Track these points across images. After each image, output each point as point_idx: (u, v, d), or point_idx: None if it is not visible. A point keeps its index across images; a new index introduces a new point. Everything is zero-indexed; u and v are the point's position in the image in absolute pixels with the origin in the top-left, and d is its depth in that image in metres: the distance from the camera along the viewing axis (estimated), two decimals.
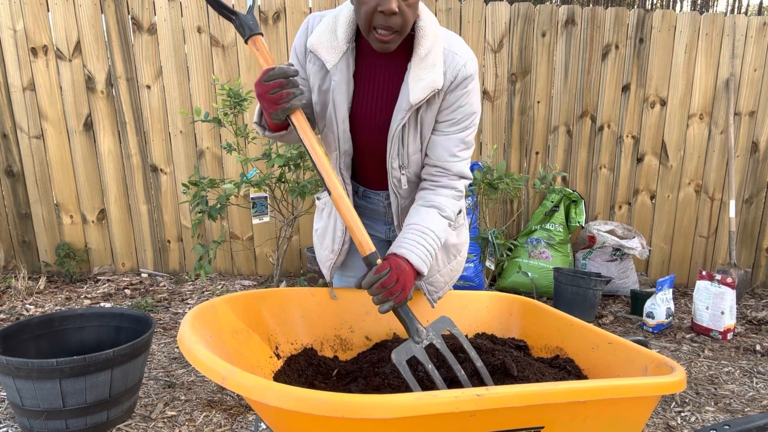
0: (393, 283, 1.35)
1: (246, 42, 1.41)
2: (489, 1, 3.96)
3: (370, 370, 1.55)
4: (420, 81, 1.42)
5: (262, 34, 1.42)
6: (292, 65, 1.35)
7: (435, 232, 1.49)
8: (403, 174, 1.56)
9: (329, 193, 1.40)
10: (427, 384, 1.38)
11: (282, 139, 1.54)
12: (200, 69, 3.87)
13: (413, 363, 1.40)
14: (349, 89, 1.50)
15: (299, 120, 1.37)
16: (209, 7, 3.79)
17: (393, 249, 1.46)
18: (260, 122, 1.52)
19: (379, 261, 1.40)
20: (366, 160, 1.63)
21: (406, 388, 1.43)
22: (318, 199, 1.81)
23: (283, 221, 3.46)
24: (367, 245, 1.39)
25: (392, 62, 1.50)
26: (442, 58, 1.44)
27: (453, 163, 1.52)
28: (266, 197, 3.35)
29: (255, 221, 3.38)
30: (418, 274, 1.46)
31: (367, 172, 1.67)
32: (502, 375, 1.46)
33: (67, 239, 4.04)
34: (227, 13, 1.42)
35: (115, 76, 3.85)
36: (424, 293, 1.78)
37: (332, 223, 1.75)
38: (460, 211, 1.76)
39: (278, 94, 1.32)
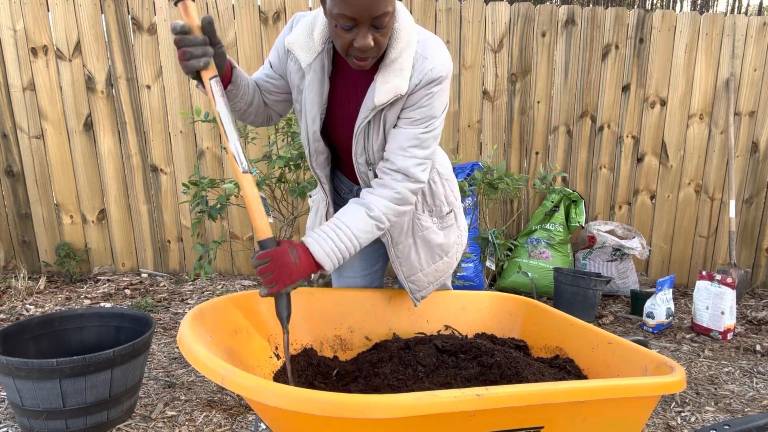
0: (268, 274, 1.38)
1: (176, 5, 1.41)
2: (489, 1, 3.96)
3: (369, 371, 1.55)
4: (386, 84, 1.44)
5: None
6: (189, 26, 1.36)
7: (352, 229, 1.47)
8: (370, 169, 1.59)
9: (244, 170, 1.41)
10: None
11: (234, 99, 1.53)
12: None
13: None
14: (323, 89, 1.53)
15: (207, 83, 1.37)
16: (211, 8, 3.79)
17: (304, 237, 1.48)
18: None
19: (276, 246, 1.41)
20: (343, 156, 1.68)
21: (406, 388, 1.43)
22: (309, 197, 1.84)
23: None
24: (263, 231, 1.41)
25: None
26: (412, 62, 1.45)
27: (400, 158, 1.50)
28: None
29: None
30: (321, 267, 1.46)
31: (344, 168, 1.72)
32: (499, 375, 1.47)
33: (67, 239, 4.04)
34: None
35: (115, 76, 3.85)
36: (407, 291, 1.79)
37: (318, 221, 1.81)
38: (450, 212, 1.78)
39: (179, 52, 1.35)
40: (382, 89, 1.44)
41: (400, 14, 1.46)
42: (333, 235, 1.46)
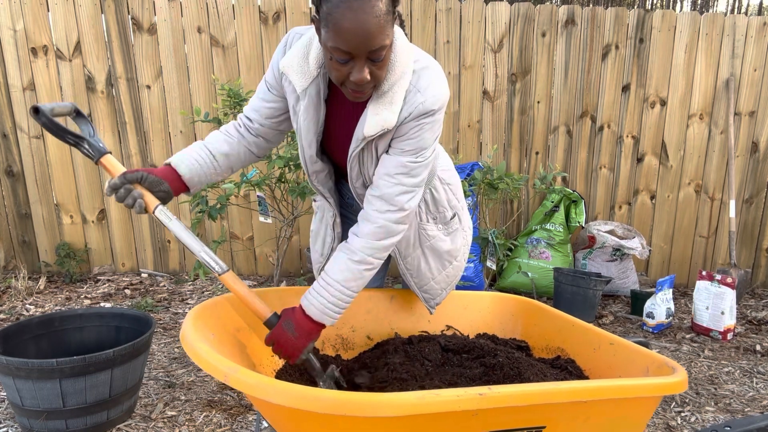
0: (278, 353, 1.46)
1: (96, 163, 1.48)
2: (489, 1, 3.96)
3: (375, 363, 1.55)
4: (376, 115, 1.39)
5: (110, 152, 1.50)
6: (120, 177, 1.44)
7: (341, 282, 1.45)
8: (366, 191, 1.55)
9: (218, 274, 1.47)
10: None
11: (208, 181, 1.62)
12: (200, 69, 3.87)
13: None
14: (319, 114, 1.50)
15: (156, 216, 1.46)
16: (211, 8, 3.79)
17: (302, 297, 1.49)
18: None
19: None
20: (345, 171, 1.63)
21: (414, 382, 1.43)
22: (314, 201, 1.83)
23: (283, 221, 3.46)
24: (263, 314, 1.47)
25: None
26: (403, 95, 1.40)
27: (385, 183, 1.45)
28: (264, 197, 3.35)
29: (261, 219, 3.38)
30: (322, 325, 1.47)
31: (347, 178, 1.69)
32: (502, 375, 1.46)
33: (67, 239, 4.03)
34: (73, 138, 1.45)
35: (115, 76, 3.85)
36: (422, 301, 1.78)
37: (323, 228, 1.78)
38: (454, 215, 1.75)
39: (122, 203, 1.44)
40: (372, 120, 1.40)
41: (397, 44, 1.39)
42: (324, 292, 1.45)
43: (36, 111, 1.39)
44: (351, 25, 1.21)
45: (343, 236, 1.74)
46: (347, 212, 1.79)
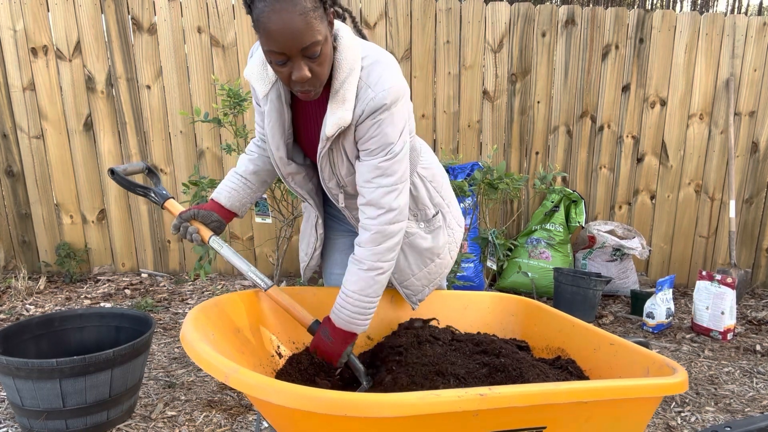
0: (321, 358, 1.56)
1: (161, 207, 1.74)
2: (489, 1, 3.96)
3: (388, 358, 1.57)
4: (333, 115, 1.41)
5: (173, 197, 1.76)
6: (178, 218, 1.68)
7: (355, 291, 1.50)
8: (341, 192, 1.60)
9: (264, 289, 1.61)
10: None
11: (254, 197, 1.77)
12: (200, 69, 3.87)
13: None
14: (283, 118, 1.53)
15: (215, 245, 1.63)
16: (211, 8, 3.79)
17: (331, 311, 1.57)
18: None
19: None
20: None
21: (419, 374, 1.43)
22: (302, 202, 1.86)
23: (283, 221, 3.46)
24: (304, 321, 1.58)
25: None
26: (355, 92, 1.41)
27: (367, 190, 1.47)
28: (265, 198, 3.35)
29: (258, 220, 3.38)
30: (354, 334, 1.54)
31: None
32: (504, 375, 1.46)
33: (67, 239, 4.03)
34: (142, 190, 1.72)
35: (115, 76, 3.85)
36: (403, 296, 1.79)
37: (309, 229, 1.83)
38: (437, 213, 1.75)
39: (184, 239, 1.63)
40: (330, 120, 1.42)
41: (342, 42, 1.41)
42: (346, 305, 1.51)
43: (112, 172, 1.69)
44: (277, 26, 1.23)
45: (326, 237, 1.83)
46: (336, 213, 1.81)
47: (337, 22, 1.45)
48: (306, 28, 1.25)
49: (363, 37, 1.56)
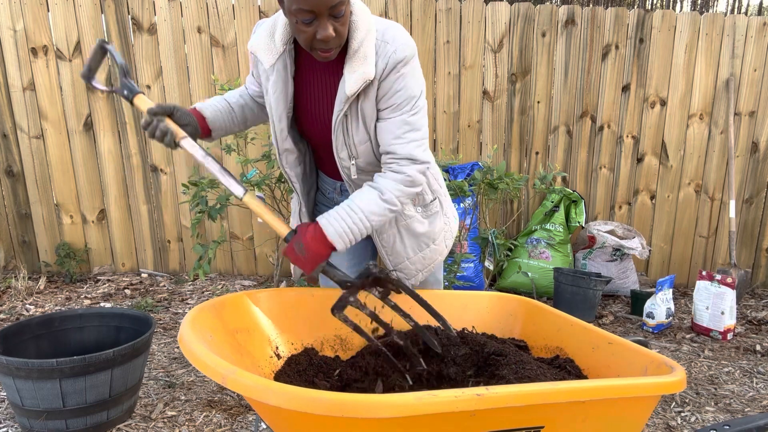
0: (296, 266, 1.57)
1: (131, 102, 1.62)
2: (489, 1, 3.96)
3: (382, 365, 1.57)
4: (354, 73, 1.48)
5: (143, 92, 1.65)
6: (153, 108, 1.57)
7: (364, 209, 1.52)
8: (353, 164, 1.62)
9: (239, 197, 1.58)
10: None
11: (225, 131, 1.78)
12: (200, 69, 3.87)
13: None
14: (287, 89, 1.59)
15: (181, 147, 1.58)
16: (211, 8, 3.79)
17: (319, 217, 1.55)
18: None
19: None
20: (321, 154, 1.73)
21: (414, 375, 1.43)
22: (292, 198, 1.90)
23: (283, 221, 3.46)
24: (281, 231, 1.57)
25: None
26: (374, 49, 1.49)
27: (399, 146, 1.53)
28: (264, 198, 3.36)
29: (258, 220, 3.39)
30: (333, 247, 1.53)
31: (326, 165, 1.76)
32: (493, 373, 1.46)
33: (67, 239, 4.04)
34: (110, 90, 1.67)
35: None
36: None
37: (293, 220, 1.88)
38: (434, 199, 1.79)
39: (153, 137, 1.57)
40: (351, 78, 1.48)
41: (356, 5, 1.50)
42: (346, 217, 1.51)
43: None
44: None
45: None
46: (328, 205, 1.83)
47: None
48: None
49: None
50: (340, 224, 1.50)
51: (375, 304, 1.64)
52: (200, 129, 1.68)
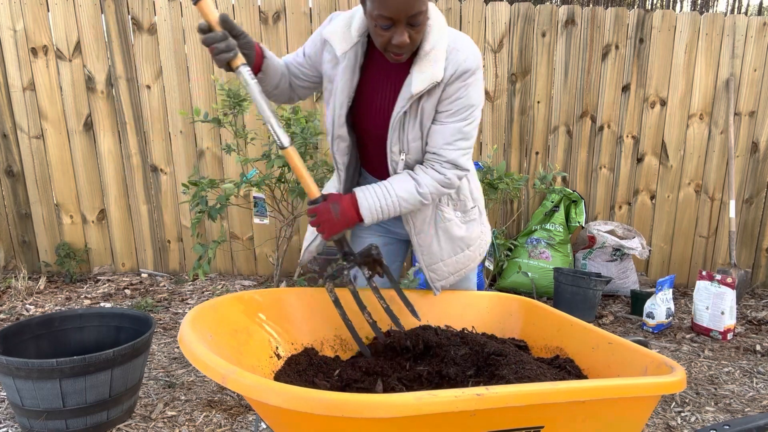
0: (316, 225, 1.65)
1: (195, 4, 1.56)
2: (489, 1, 3.96)
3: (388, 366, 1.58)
4: (422, 73, 1.55)
5: None
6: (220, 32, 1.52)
7: (399, 195, 1.63)
8: (402, 159, 1.68)
9: (283, 146, 1.60)
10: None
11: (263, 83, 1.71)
12: (200, 69, 3.87)
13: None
14: (353, 78, 1.65)
15: (240, 72, 1.54)
16: None
17: (357, 189, 1.66)
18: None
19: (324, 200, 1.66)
20: (369, 147, 1.77)
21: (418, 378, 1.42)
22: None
23: (283, 221, 3.46)
24: (312, 193, 1.64)
25: None
26: (445, 54, 1.55)
27: (448, 151, 1.62)
28: (264, 198, 3.36)
29: (256, 221, 3.39)
30: (362, 219, 1.64)
31: (372, 159, 1.80)
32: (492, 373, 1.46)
33: (67, 239, 4.04)
34: None
35: (115, 76, 3.85)
36: (427, 279, 1.85)
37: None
38: (474, 207, 1.86)
39: (209, 49, 1.53)
40: (419, 78, 1.55)
41: (432, 10, 1.58)
42: (381, 197, 1.62)
43: None
44: None
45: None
46: None
47: None
48: None
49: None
50: (374, 201, 1.62)
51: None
52: (256, 62, 1.64)
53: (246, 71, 1.54)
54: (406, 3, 1.42)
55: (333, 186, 1.87)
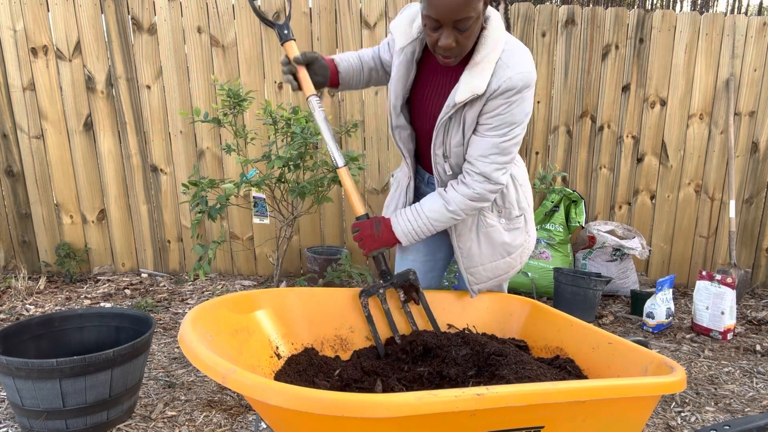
0: (358, 240, 1.76)
1: (282, 45, 1.80)
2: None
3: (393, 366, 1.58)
4: (467, 84, 1.56)
5: (294, 39, 1.81)
6: (296, 58, 1.74)
7: (428, 216, 1.70)
8: (446, 162, 1.72)
9: (338, 166, 1.76)
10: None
11: (350, 87, 1.93)
12: (200, 69, 3.87)
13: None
14: (409, 73, 1.70)
15: (308, 102, 1.76)
16: (211, 8, 3.79)
17: (392, 214, 1.77)
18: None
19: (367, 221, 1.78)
20: (421, 143, 1.82)
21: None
22: (392, 176, 2.05)
23: (283, 221, 3.46)
24: (358, 211, 1.77)
25: None
26: (493, 67, 1.56)
27: (481, 163, 1.63)
28: (264, 198, 3.35)
29: (255, 221, 3.39)
30: (399, 241, 1.75)
31: (424, 155, 1.85)
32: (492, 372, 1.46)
33: (67, 239, 4.04)
34: (269, 22, 1.84)
35: (115, 76, 3.85)
36: (465, 281, 1.89)
37: (398, 196, 1.97)
38: (520, 215, 1.88)
39: (287, 80, 1.78)
40: (464, 87, 1.56)
41: (492, 22, 1.57)
42: (412, 219, 1.71)
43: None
44: None
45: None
46: (424, 188, 1.95)
47: (490, 8, 1.61)
48: (464, 3, 1.43)
49: (508, 28, 1.70)
50: (406, 225, 1.71)
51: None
52: (330, 81, 1.83)
53: (314, 100, 1.76)
54: (452, 6, 1.42)
55: (404, 175, 1.92)
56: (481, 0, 1.48)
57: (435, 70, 1.70)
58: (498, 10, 1.67)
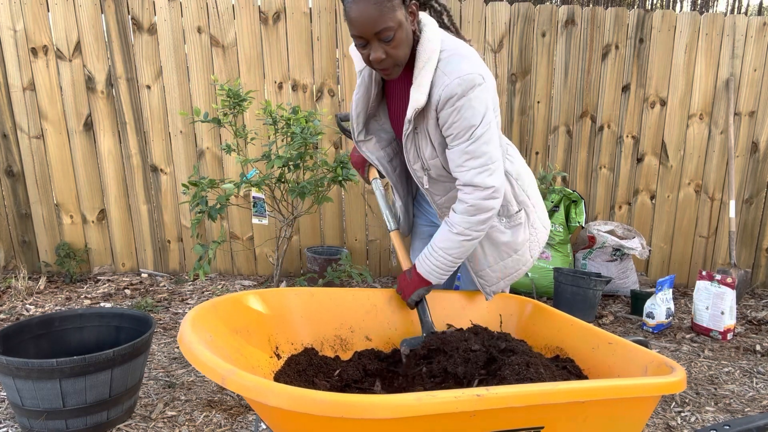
0: (399, 292, 1.80)
1: (368, 184, 2.07)
2: (489, 1, 3.96)
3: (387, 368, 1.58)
4: (413, 98, 1.57)
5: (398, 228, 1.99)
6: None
7: (440, 246, 1.69)
8: (425, 174, 1.73)
9: (389, 229, 1.95)
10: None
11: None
12: (200, 69, 3.87)
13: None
14: (370, 93, 1.74)
15: (372, 183, 2.02)
16: (211, 8, 3.79)
17: (417, 258, 1.79)
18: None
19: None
20: (403, 159, 1.88)
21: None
22: (374, 180, 2.09)
23: (283, 221, 3.46)
24: (406, 264, 1.86)
25: (405, 73, 1.67)
26: (431, 78, 1.56)
27: (461, 173, 1.61)
28: (263, 198, 3.35)
29: (254, 221, 3.39)
30: (429, 282, 1.74)
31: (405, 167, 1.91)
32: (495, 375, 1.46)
33: (67, 239, 4.04)
34: (348, 134, 1.94)
35: (115, 76, 3.85)
36: (477, 285, 1.89)
37: (402, 222, 2.06)
38: (520, 210, 1.84)
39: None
40: (411, 103, 1.58)
41: (425, 34, 1.57)
42: (429, 257, 1.71)
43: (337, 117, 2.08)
44: (355, 13, 1.45)
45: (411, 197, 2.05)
46: (422, 201, 2.04)
47: (425, 17, 1.62)
48: (378, 15, 1.44)
49: (455, 31, 1.71)
50: (426, 264, 1.72)
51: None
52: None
53: (376, 183, 1.98)
54: (368, 20, 1.44)
55: (396, 199, 2.02)
56: (398, 9, 1.48)
57: (396, 87, 1.73)
58: (442, 18, 1.68)
